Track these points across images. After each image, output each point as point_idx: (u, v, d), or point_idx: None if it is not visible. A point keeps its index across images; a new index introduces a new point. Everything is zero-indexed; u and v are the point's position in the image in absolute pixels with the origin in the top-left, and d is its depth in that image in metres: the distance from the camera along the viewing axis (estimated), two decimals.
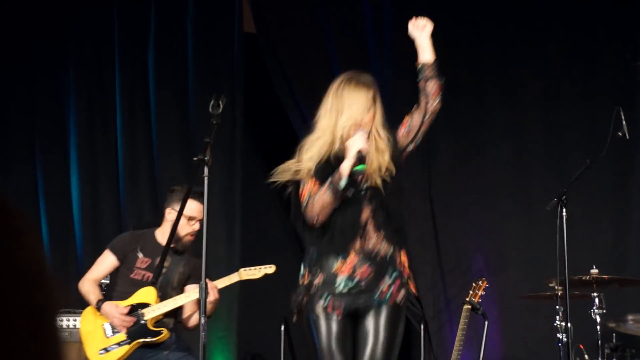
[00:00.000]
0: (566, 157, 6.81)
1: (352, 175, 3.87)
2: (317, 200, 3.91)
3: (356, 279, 3.95)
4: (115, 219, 7.13)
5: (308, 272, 4.05)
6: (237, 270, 7.11)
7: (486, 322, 5.89)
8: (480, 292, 5.69)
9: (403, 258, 4.04)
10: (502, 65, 7.09)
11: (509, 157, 6.97)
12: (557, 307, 5.40)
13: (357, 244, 3.95)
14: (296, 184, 4.05)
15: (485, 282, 5.72)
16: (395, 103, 7.00)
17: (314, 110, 7.05)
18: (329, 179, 3.89)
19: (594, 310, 5.52)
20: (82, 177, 7.13)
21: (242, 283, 7.14)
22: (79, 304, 6.39)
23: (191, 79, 7.26)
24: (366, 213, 3.97)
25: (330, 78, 7.05)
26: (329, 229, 3.96)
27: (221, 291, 6.90)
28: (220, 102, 4.47)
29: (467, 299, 5.66)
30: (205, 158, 4.44)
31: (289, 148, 7.39)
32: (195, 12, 7.31)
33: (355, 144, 3.88)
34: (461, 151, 7.06)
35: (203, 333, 4.46)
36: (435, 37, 7.10)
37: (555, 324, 5.37)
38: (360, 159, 3.86)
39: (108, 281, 6.25)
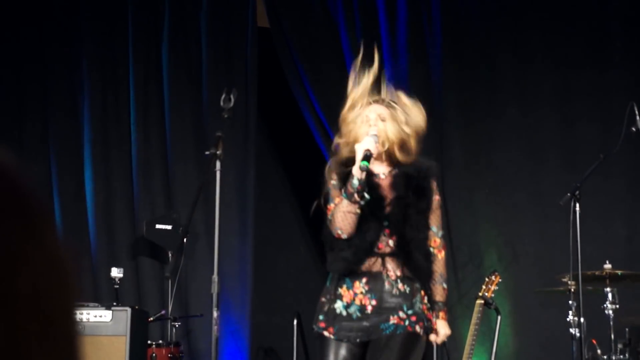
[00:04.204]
0: (579, 152, 6.78)
1: (367, 177, 3.79)
2: (337, 211, 3.82)
3: (357, 306, 3.86)
4: (128, 213, 7.15)
5: (326, 293, 3.98)
6: (249, 264, 7.14)
7: (499, 317, 5.87)
8: (493, 287, 5.67)
9: (423, 298, 3.93)
10: (516, 60, 7.07)
11: (522, 152, 6.95)
12: (570, 302, 5.39)
13: (371, 273, 3.87)
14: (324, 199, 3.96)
15: (498, 277, 5.70)
16: (409, 95, 6.99)
17: (327, 104, 7.10)
18: (343, 187, 3.82)
19: (607, 306, 5.50)
20: (96, 172, 7.15)
21: (255, 275, 7.17)
22: (93, 297, 6.43)
23: (205, 73, 7.27)
24: (385, 244, 3.87)
25: (344, 72, 7.10)
26: (345, 251, 3.87)
27: (233, 284, 6.94)
28: (232, 96, 4.48)
29: (480, 294, 5.65)
30: (217, 152, 4.44)
31: (302, 142, 7.43)
32: (209, 6, 7.32)
33: (361, 145, 3.79)
34: (474, 146, 7.05)
35: (215, 327, 4.47)
36: (449, 32, 7.13)
37: (568, 319, 5.35)
38: (367, 156, 3.74)
39: (122, 275, 6.28)
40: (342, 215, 3.81)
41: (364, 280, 3.88)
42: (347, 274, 3.89)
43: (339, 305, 3.91)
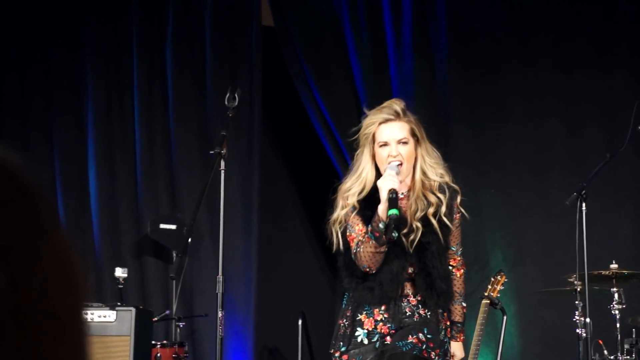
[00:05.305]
0: (586, 151, 6.76)
1: (390, 218, 3.67)
2: (363, 250, 3.73)
3: (379, 334, 3.83)
4: (132, 213, 7.14)
5: (344, 316, 3.94)
6: (254, 264, 7.12)
7: (504, 317, 5.85)
8: (498, 287, 5.65)
9: (445, 322, 3.91)
10: (521, 60, 7.05)
11: (528, 151, 6.93)
12: (576, 302, 5.36)
13: (392, 300, 3.83)
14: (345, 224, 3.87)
15: (503, 277, 5.68)
16: (414, 95, 6.98)
17: (331, 103, 7.08)
18: (369, 226, 3.72)
19: (613, 306, 5.48)
20: (100, 171, 7.14)
21: (260, 275, 7.16)
22: (97, 297, 6.41)
23: (209, 72, 7.26)
24: (408, 272, 3.83)
25: (348, 71, 7.11)
26: (368, 280, 3.82)
27: (238, 284, 6.92)
28: (236, 95, 4.47)
29: (486, 294, 5.63)
30: (222, 151, 4.43)
31: (307, 141, 7.42)
32: (214, 5, 7.31)
33: (385, 184, 3.67)
34: (480, 146, 7.03)
35: (220, 327, 4.46)
36: (454, 32, 7.11)
37: (574, 319, 5.33)
38: (393, 200, 3.64)
39: (126, 275, 6.27)
40: (370, 255, 3.75)
41: (383, 307, 3.84)
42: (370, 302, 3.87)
43: (360, 334, 3.87)
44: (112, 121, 7.27)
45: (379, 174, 3.83)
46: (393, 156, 3.79)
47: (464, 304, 4.03)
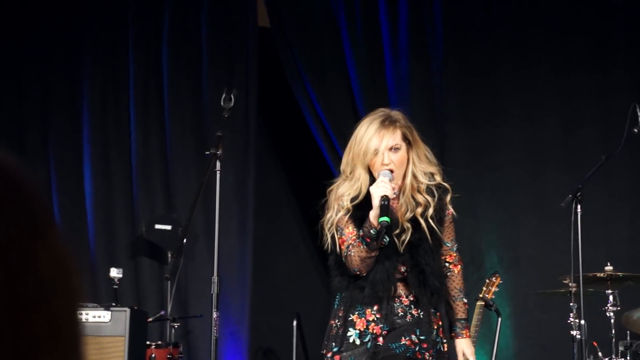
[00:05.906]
0: (581, 153, 6.77)
1: (381, 225, 3.67)
2: (355, 254, 3.75)
3: (371, 334, 3.83)
4: (128, 213, 7.14)
5: (336, 317, 3.94)
6: (249, 265, 7.12)
7: (499, 319, 5.85)
8: (493, 289, 5.65)
9: (438, 322, 3.91)
10: (518, 61, 7.06)
11: (524, 152, 6.94)
12: (571, 304, 5.36)
13: (384, 300, 3.82)
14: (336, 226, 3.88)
15: (498, 279, 5.68)
16: (410, 95, 6.98)
17: (327, 104, 7.09)
18: (360, 231, 3.74)
19: (608, 308, 5.49)
20: (95, 172, 7.13)
21: (255, 276, 7.16)
22: (92, 298, 6.40)
23: (205, 73, 7.25)
24: (400, 271, 3.84)
25: (344, 72, 7.12)
26: (360, 279, 3.82)
27: (233, 285, 6.92)
28: (232, 96, 4.47)
29: (481, 295, 5.63)
30: (217, 152, 4.43)
31: (303, 142, 7.42)
32: (210, 6, 7.31)
33: (378, 191, 3.69)
34: (476, 147, 7.03)
35: (215, 328, 4.46)
36: (451, 33, 7.11)
37: (569, 321, 5.33)
38: (384, 207, 3.66)
39: (121, 275, 6.27)
40: (361, 259, 3.77)
41: (375, 307, 3.85)
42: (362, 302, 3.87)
43: (352, 334, 3.87)
44: (108, 122, 7.26)
45: (373, 179, 3.84)
46: (385, 164, 3.82)
47: (465, 300, 4.04)
